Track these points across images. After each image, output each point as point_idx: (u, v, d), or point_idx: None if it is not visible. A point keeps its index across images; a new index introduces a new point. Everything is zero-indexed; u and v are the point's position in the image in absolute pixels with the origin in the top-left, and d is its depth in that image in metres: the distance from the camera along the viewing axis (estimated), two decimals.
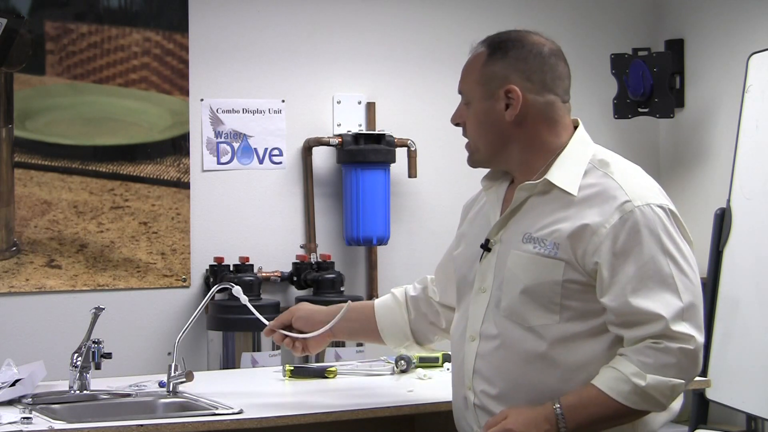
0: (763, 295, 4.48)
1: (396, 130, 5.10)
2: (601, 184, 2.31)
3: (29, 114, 4.60)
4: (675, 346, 2.21)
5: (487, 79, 2.38)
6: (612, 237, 2.24)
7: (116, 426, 2.70)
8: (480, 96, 2.38)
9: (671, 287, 2.23)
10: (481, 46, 2.43)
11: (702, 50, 5.51)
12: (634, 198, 2.28)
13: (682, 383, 2.24)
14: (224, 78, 4.95)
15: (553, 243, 2.27)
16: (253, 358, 4.58)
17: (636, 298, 2.22)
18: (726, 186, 4.84)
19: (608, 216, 2.25)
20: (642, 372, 2.20)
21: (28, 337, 4.55)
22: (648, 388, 2.20)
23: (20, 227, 4.58)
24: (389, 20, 5.25)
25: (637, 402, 2.21)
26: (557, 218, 2.30)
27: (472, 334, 2.38)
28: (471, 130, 2.41)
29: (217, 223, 4.92)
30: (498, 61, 2.38)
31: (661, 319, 2.21)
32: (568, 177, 2.33)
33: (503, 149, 2.39)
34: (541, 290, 2.28)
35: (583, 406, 2.23)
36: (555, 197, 2.32)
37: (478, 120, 2.39)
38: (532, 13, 5.53)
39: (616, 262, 2.23)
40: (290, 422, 2.84)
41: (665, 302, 2.22)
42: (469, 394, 2.38)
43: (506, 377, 2.32)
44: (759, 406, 4.47)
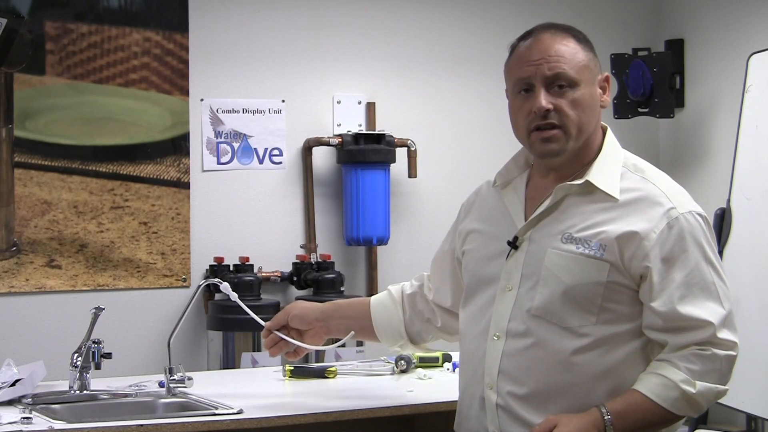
0: (763, 295, 4.48)
1: (396, 130, 5.10)
2: (642, 189, 2.32)
3: (29, 114, 4.60)
4: (722, 353, 2.24)
5: (593, 65, 2.37)
6: (660, 243, 2.25)
7: (116, 426, 2.70)
8: (588, 80, 2.35)
9: (713, 294, 2.26)
10: (563, 33, 2.38)
11: (702, 50, 5.51)
12: (677, 205, 2.30)
13: (726, 389, 2.27)
14: (224, 78, 4.95)
15: (599, 244, 2.26)
16: (253, 358, 4.58)
17: (684, 305, 2.24)
18: (726, 186, 4.84)
19: (656, 222, 2.27)
20: (691, 379, 2.22)
21: (28, 337, 4.55)
22: (697, 396, 2.22)
23: (20, 227, 4.58)
24: (389, 20, 5.25)
25: (683, 408, 2.24)
26: (601, 220, 2.29)
27: (497, 332, 2.34)
28: (570, 114, 2.32)
29: (217, 223, 4.92)
30: (589, 50, 2.38)
31: (709, 326, 2.23)
32: (608, 180, 2.33)
33: (587, 137, 2.37)
34: (582, 291, 2.27)
35: (630, 413, 2.23)
36: (596, 199, 2.32)
37: (585, 104, 2.34)
38: (532, 13, 5.52)
39: (664, 268, 2.25)
40: (290, 422, 2.84)
41: (711, 310, 2.24)
42: (491, 395, 2.33)
43: (537, 377, 2.29)
44: (759, 406, 4.47)
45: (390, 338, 2.79)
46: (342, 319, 2.83)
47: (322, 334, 2.85)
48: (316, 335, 2.85)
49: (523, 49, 2.37)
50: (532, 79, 2.33)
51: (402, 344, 2.80)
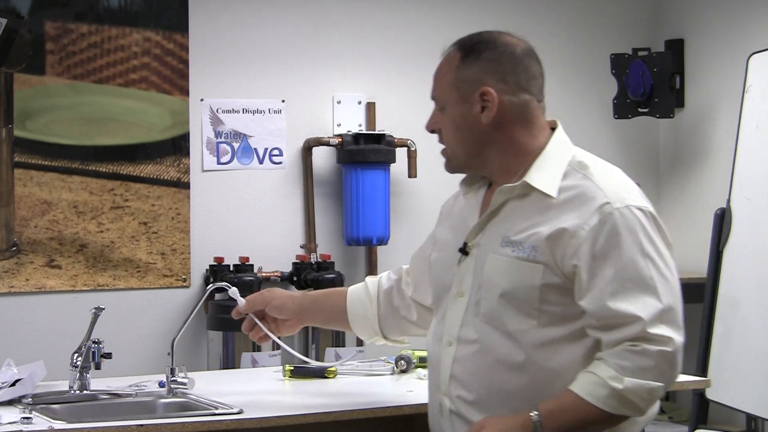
0: (763, 295, 4.48)
1: (396, 130, 5.10)
2: (581, 186, 2.28)
3: (29, 114, 4.60)
4: (653, 348, 2.17)
5: (462, 83, 2.35)
6: (591, 239, 2.21)
7: (116, 426, 2.70)
8: (455, 100, 2.36)
9: (650, 289, 2.20)
10: (454, 50, 2.40)
11: (702, 50, 5.51)
12: (613, 200, 2.24)
13: (661, 386, 2.20)
14: (224, 78, 4.95)
15: (531, 246, 2.24)
16: (253, 358, 4.59)
17: (614, 301, 2.18)
18: (726, 186, 4.84)
19: (587, 218, 2.22)
20: (619, 375, 2.17)
21: (28, 337, 4.55)
22: (625, 392, 2.17)
23: (20, 227, 4.58)
24: (389, 20, 5.25)
25: (615, 406, 2.18)
26: (536, 221, 2.27)
27: (449, 339, 2.36)
28: (447, 135, 2.39)
29: (217, 223, 4.92)
30: (472, 63, 2.35)
31: (639, 321, 2.17)
32: (547, 179, 2.30)
33: (481, 153, 2.36)
34: (519, 294, 2.25)
35: (561, 412, 2.19)
36: (534, 200, 2.30)
37: (455, 124, 2.36)
38: (532, 13, 5.53)
39: (595, 265, 2.20)
40: (290, 422, 2.84)
41: (644, 304, 2.18)
42: (445, 401, 2.36)
43: (483, 383, 2.30)
44: (759, 406, 4.47)
45: (364, 332, 2.81)
46: (318, 312, 2.85)
47: (297, 325, 2.87)
48: (292, 326, 2.87)
49: None
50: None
51: (376, 339, 2.83)
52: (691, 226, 5.50)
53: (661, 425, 5.21)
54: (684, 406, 5.37)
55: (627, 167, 2.44)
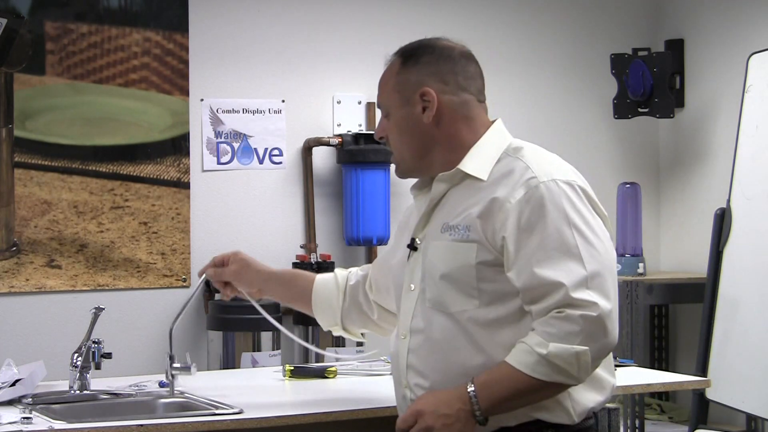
0: (763, 295, 4.48)
1: None
2: (510, 166, 2.35)
3: (29, 114, 4.60)
4: (577, 313, 2.18)
5: (403, 87, 2.44)
6: (517, 211, 2.26)
7: (116, 426, 2.70)
8: (398, 104, 2.44)
9: (575, 257, 2.22)
10: (395, 57, 2.52)
11: (702, 50, 5.51)
12: (539, 174, 2.30)
13: (587, 350, 2.19)
14: (224, 78, 4.95)
15: (465, 227, 2.31)
16: (253, 358, 4.58)
17: (539, 269, 2.22)
18: (726, 186, 4.84)
19: (513, 191, 2.28)
20: (545, 341, 2.18)
21: (28, 337, 4.55)
22: (550, 357, 2.18)
23: (20, 227, 4.58)
24: (389, 20, 5.25)
25: (545, 373, 2.19)
26: (469, 204, 2.34)
27: (403, 331, 2.42)
28: (394, 140, 2.45)
29: (217, 223, 4.92)
30: (411, 68, 2.45)
31: (561, 287, 2.20)
32: (478, 164, 2.37)
33: (427, 153, 2.43)
34: (457, 275, 2.31)
35: (495, 382, 2.22)
36: (467, 185, 2.37)
37: (399, 128, 2.44)
38: (532, 14, 5.53)
39: (521, 236, 2.25)
40: (290, 422, 2.84)
41: (567, 270, 2.21)
42: (406, 392, 2.41)
43: (435, 367, 2.34)
44: (759, 406, 4.47)
45: (325, 319, 2.86)
46: (282, 288, 2.92)
47: (256, 295, 2.95)
48: (251, 295, 2.96)
49: None
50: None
51: (335, 328, 2.88)
52: (691, 226, 5.51)
53: (661, 425, 5.21)
54: (684, 406, 5.37)
55: (627, 167, 2.46)
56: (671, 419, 5.31)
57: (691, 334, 5.26)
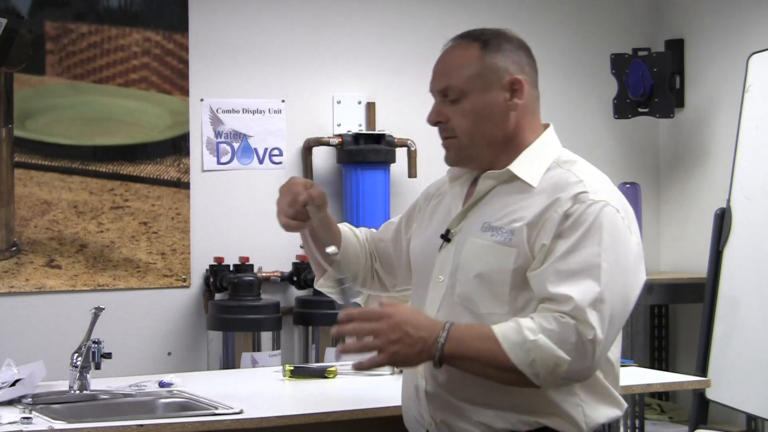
0: (763, 295, 4.48)
1: (396, 130, 5.10)
2: (562, 177, 2.33)
3: (29, 114, 4.61)
4: (577, 328, 2.16)
5: (488, 72, 2.37)
6: (560, 221, 2.24)
7: (116, 426, 2.70)
8: (479, 88, 2.37)
9: (595, 278, 2.20)
10: (468, 41, 2.41)
11: (702, 50, 5.51)
12: (591, 192, 2.28)
13: (568, 362, 2.16)
14: (224, 78, 4.95)
15: (509, 231, 2.29)
16: (253, 358, 4.59)
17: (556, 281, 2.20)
18: (726, 186, 4.84)
19: (563, 203, 2.26)
20: (537, 330, 2.17)
21: (28, 337, 4.55)
22: (534, 346, 2.16)
23: (20, 227, 4.58)
24: (389, 20, 5.25)
25: (520, 358, 2.16)
26: (515, 208, 2.31)
27: None
28: (464, 124, 2.38)
29: (217, 223, 4.92)
30: (495, 54, 2.38)
31: (571, 300, 2.18)
32: (530, 169, 2.35)
33: (495, 143, 2.38)
34: (492, 277, 2.29)
35: (470, 338, 2.20)
36: (516, 188, 2.35)
37: (475, 113, 2.37)
38: (532, 13, 5.53)
39: (553, 244, 2.24)
40: (290, 422, 2.84)
41: (584, 287, 2.19)
42: (422, 382, 2.38)
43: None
44: (759, 406, 4.47)
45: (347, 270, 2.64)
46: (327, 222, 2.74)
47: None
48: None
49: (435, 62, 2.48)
50: (432, 93, 2.46)
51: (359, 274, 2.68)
52: (691, 226, 5.51)
53: (661, 425, 5.21)
54: (684, 406, 5.37)
55: (627, 167, 2.46)
56: (671, 419, 5.31)
57: (691, 334, 5.26)
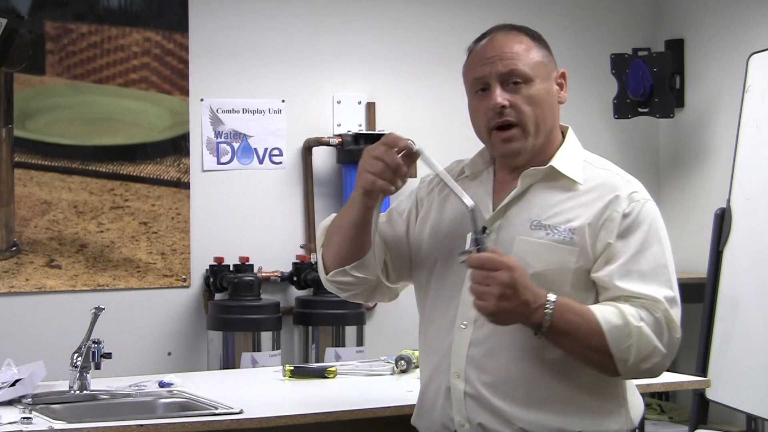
0: (763, 295, 4.48)
1: (396, 130, 5.06)
2: (604, 176, 2.35)
3: (29, 114, 4.61)
4: (668, 324, 2.22)
5: (547, 61, 2.39)
6: (619, 220, 2.27)
7: (116, 426, 2.70)
8: (542, 76, 2.37)
9: (666, 276, 2.26)
10: (515, 32, 2.42)
11: (702, 50, 5.51)
12: (639, 190, 2.33)
13: (661, 355, 2.21)
14: (224, 78, 4.95)
15: (567, 230, 2.28)
16: (253, 358, 4.58)
17: (636, 282, 2.23)
18: (726, 186, 4.84)
19: (621, 202, 2.28)
20: (638, 317, 2.19)
21: (28, 337, 4.55)
22: (637, 332, 2.18)
23: (20, 227, 4.58)
24: (389, 20, 5.25)
25: (615, 340, 2.18)
26: (568, 207, 2.31)
27: (464, 321, 2.34)
28: (529, 110, 2.34)
29: (217, 223, 4.92)
30: (543, 47, 2.40)
31: (659, 302, 2.22)
32: (572, 167, 2.36)
33: (546, 133, 2.38)
34: (552, 276, 2.26)
35: (571, 311, 2.19)
36: (560, 186, 2.34)
37: (542, 99, 2.36)
38: (532, 13, 5.52)
39: (618, 244, 2.25)
40: (290, 422, 2.84)
41: (661, 288, 2.24)
42: (458, 383, 2.33)
43: (504, 364, 2.29)
44: (759, 406, 4.47)
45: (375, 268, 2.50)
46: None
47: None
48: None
49: (479, 49, 2.42)
50: (488, 78, 2.36)
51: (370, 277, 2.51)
52: (691, 226, 5.50)
53: (661, 425, 5.21)
54: (684, 406, 5.37)
55: (627, 167, 2.46)
56: (671, 419, 5.31)
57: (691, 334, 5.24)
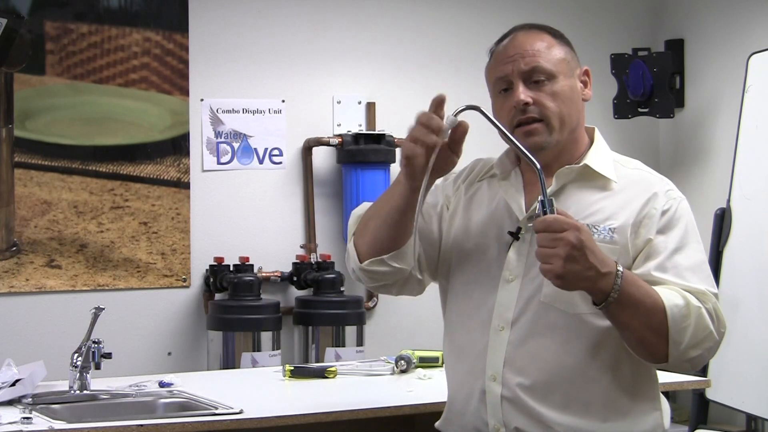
0: (763, 295, 4.48)
1: (396, 130, 5.09)
2: (638, 175, 2.37)
3: (29, 114, 4.61)
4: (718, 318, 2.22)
5: (570, 57, 2.39)
6: (658, 217, 2.28)
7: (116, 426, 2.70)
8: (565, 72, 2.36)
9: (707, 273, 2.28)
10: (537, 31, 2.41)
11: (702, 50, 5.51)
12: (673, 188, 2.35)
13: (713, 342, 2.21)
14: (224, 78, 4.95)
15: (607, 229, 2.27)
16: (253, 358, 4.58)
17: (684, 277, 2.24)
18: (726, 186, 4.84)
19: (659, 199, 2.30)
20: (698, 302, 2.19)
21: (28, 337, 4.55)
22: (697, 313, 2.17)
23: (20, 227, 4.58)
24: (389, 20, 5.25)
25: (674, 318, 2.16)
26: (605, 205, 2.31)
27: (501, 323, 2.30)
28: (554, 106, 2.32)
29: (217, 223, 4.92)
30: (565, 44, 2.41)
31: (707, 294, 2.23)
32: (605, 167, 2.36)
33: (573, 131, 2.37)
34: None
35: (636, 285, 2.16)
36: (595, 185, 2.34)
37: (566, 95, 2.35)
38: (532, 14, 5.52)
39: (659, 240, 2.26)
40: (290, 422, 2.84)
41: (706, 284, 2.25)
42: (494, 387, 2.29)
43: (543, 366, 2.26)
44: (759, 406, 4.47)
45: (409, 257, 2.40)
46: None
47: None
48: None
49: (500, 49, 2.40)
50: (510, 76, 2.34)
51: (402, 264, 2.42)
52: None
53: None
54: (684, 406, 5.37)
55: None
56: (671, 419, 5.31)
57: None
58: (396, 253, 2.37)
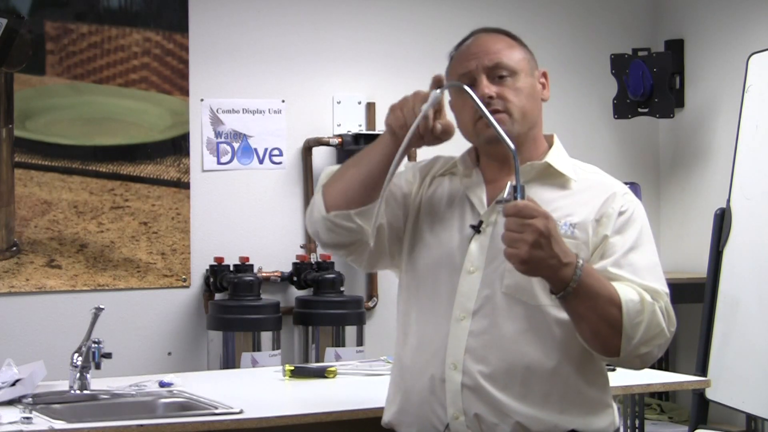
0: (763, 295, 4.48)
1: None
2: (596, 178, 2.42)
3: (29, 114, 4.61)
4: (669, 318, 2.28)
5: (530, 57, 2.44)
6: (615, 216, 2.32)
7: (116, 426, 2.70)
8: (527, 71, 2.42)
9: (660, 274, 2.33)
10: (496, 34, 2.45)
11: (702, 50, 5.51)
12: (629, 192, 2.40)
13: (664, 340, 2.27)
14: (224, 78, 4.95)
15: (568, 224, 2.31)
16: (253, 358, 4.58)
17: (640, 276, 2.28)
18: (726, 186, 4.84)
19: (617, 200, 2.35)
20: (652, 300, 2.24)
21: (28, 337, 4.55)
22: (651, 309, 2.22)
23: (20, 227, 4.58)
24: (389, 20, 5.25)
25: (629, 313, 2.20)
26: (566, 203, 2.35)
27: (462, 313, 2.34)
28: (516, 101, 2.37)
29: (217, 223, 4.92)
30: (524, 48, 2.45)
31: (660, 293, 2.28)
32: (565, 166, 2.41)
33: (532, 127, 2.42)
34: None
35: (595, 277, 2.20)
36: (555, 183, 2.39)
37: (527, 91, 2.40)
38: (532, 13, 5.53)
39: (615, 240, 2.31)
40: (290, 422, 2.84)
41: (660, 284, 2.30)
42: (454, 375, 2.32)
43: (503, 355, 2.30)
44: (759, 406, 4.47)
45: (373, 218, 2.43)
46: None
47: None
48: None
49: (463, 49, 2.44)
50: (474, 72, 2.39)
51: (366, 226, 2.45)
52: (691, 226, 5.51)
53: (661, 425, 5.21)
54: (684, 406, 5.37)
55: (627, 167, 2.49)
56: (671, 419, 5.31)
57: (691, 334, 5.25)
58: (363, 209, 2.41)
